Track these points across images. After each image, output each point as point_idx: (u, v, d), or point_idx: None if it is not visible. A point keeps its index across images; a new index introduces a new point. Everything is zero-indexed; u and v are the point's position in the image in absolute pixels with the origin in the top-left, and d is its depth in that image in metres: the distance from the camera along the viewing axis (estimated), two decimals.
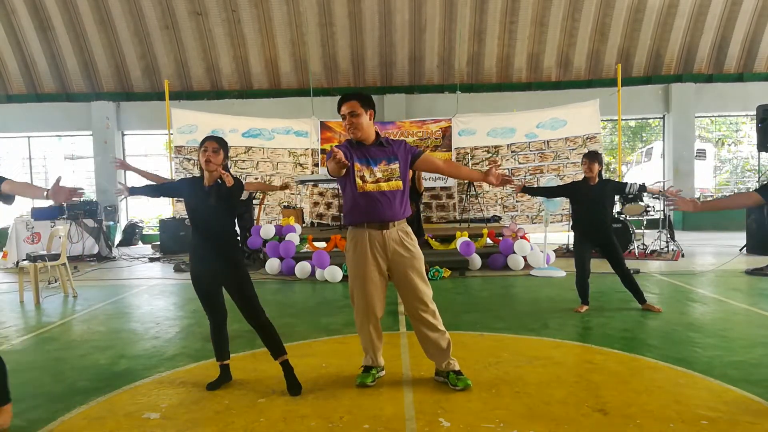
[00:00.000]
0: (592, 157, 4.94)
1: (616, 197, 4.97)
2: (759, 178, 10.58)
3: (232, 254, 3.20)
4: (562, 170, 10.52)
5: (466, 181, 10.24)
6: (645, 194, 5.13)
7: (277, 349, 3.21)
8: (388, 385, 3.21)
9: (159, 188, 3.43)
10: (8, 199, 2.96)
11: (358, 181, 3.05)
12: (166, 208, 14.79)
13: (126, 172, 14.25)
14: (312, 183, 10.61)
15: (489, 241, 8.19)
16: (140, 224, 13.21)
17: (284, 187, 6.08)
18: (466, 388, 3.09)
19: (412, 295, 3.12)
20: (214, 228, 3.14)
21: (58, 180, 2.81)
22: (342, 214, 3.10)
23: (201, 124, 10.88)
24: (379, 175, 3.07)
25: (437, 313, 3.18)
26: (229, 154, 3.23)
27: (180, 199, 10.70)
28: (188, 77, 13.57)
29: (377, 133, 3.16)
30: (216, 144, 3.10)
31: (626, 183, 5.04)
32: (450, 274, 7.19)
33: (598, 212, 4.95)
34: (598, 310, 5.10)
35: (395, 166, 3.10)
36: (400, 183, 3.11)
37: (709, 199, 15.02)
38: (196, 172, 11.71)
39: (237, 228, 3.34)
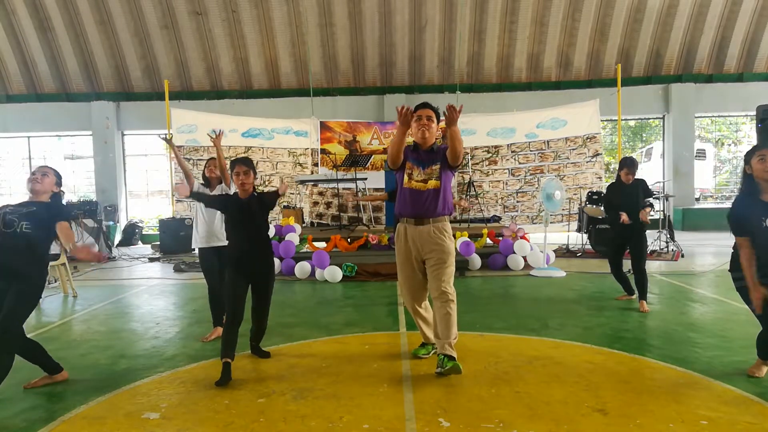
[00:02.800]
0: (632, 165, 5.23)
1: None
2: None
3: (270, 259, 3.70)
4: (563, 170, 10.53)
5: (466, 181, 10.24)
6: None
7: (259, 339, 3.82)
8: (388, 385, 3.21)
9: (211, 199, 4.02)
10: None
11: (406, 177, 3.50)
12: (165, 208, 14.79)
13: (126, 167, 14.25)
14: (312, 183, 10.61)
15: (489, 241, 8.19)
16: (140, 224, 13.20)
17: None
18: (452, 370, 3.20)
19: (435, 284, 3.45)
20: (257, 236, 3.58)
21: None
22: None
23: (201, 123, 10.89)
24: (424, 176, 3.48)
25: (453, 305, 3.39)
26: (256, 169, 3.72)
27: (180, 199, 10.72)
28: (188, 77, 13.57)
29: (434, 142, 3.60)
30: (246, 167, 3.55)
31: (648, 198, 5.39)
32: None
33: (630, 209, 5.11)
34: (598, 310, 5.11)
35: (436, 166, 3.47)
36: (438, 183, 3.47)
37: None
38: (196, 172, 11.78)
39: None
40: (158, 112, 12.20)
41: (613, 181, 5.43)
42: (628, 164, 5.23)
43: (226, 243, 4.56)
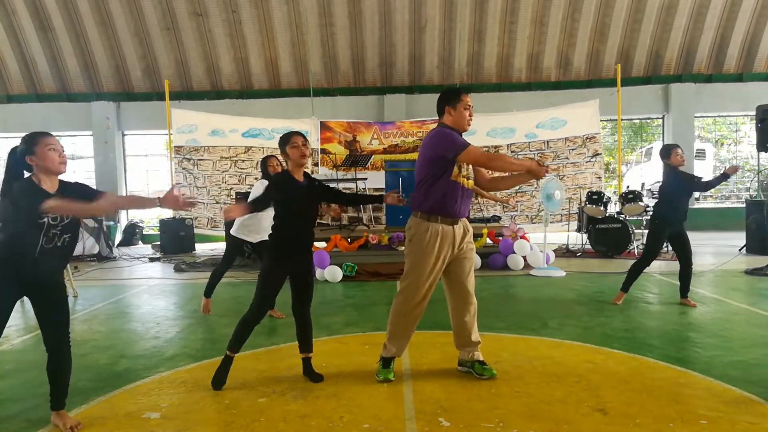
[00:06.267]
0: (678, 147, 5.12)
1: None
2: (758, 177, 10.59)
3: (311, 251, 3.56)
4: (562, 170, 10.53)
5: None
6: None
7: (306, 346, 3.38)
8: (388, 385, 3.21)
9: (266, 198, 3.24)
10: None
11: (456, 169, 3.14)
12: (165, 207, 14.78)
13: (126, 167, 14.24)
14: None
15: (489, 241, 8.19)
16: (140, 224, 13.21)
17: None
18: (492, 377, 3.22)
19: (465, 287, 3.29)
20: (309, 221, 3.31)
21: (172, 188, 2.76)
22: (416, 201, 3.25)
23: (201, 124, 10.90)
24: (465, 171, 3.22)
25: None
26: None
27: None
28: (188, 77, 13.57)
29: None
30: (304, 138, 3.24)
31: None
32: None
33: (687, 201, 5.12)
34: (598, 310, 5.11)
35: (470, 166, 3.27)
36: (473, 182, 3.30)
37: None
38: (196, 172, 11.64)
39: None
40: (158, 112, 12.20)
41: (670, 171, 5.06)
42: (677, 145, 5.11)
43: (251, 239, 4.90)
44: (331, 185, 3.63)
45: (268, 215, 4.16)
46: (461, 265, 3.26)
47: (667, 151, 5.10)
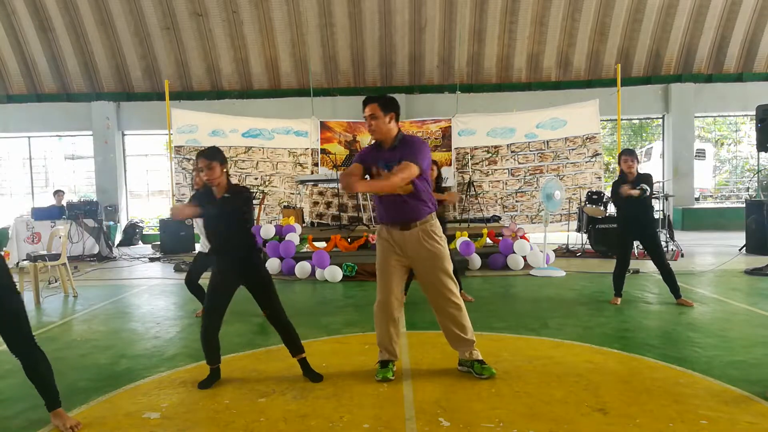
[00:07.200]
0: (633, 154, 5.19)
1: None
2: (758, 177, 10.59)
3: (252, 262, 3.31)
4: (562, 170, 10.53)
5: (466, 181, 10.25)
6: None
7: (295, 348, 3.37)
8: (388, 385, 3.21)
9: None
10: None
11: None
12: (166, 208, 14.78)
13: (126, 167, 14.24)
14: (312, 183, 10.61)
15: (489, 241, 8.19)
16: (140, 224, 13.20)
17: None
18: (491, 377, 3.22)
19: (436, 291, 3.27)
20: (230, 232, 3.23)
21: None
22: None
23: (201, 124, 10.89)
24: None
25: (462, 306, 3.31)
26: (225, 158, 3.28)
27: (179, 199, 10.72)
28: (188, 77, 13.57)
29: (397, 135, 3.21)
30: (206, 160, 3.14)
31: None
32: None
33: (640, 206, 5.11)
34: (598, 310, 5.11)
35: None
36: (409, 187, 3.10)
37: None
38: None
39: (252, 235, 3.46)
40: (158, 112, 12.19)
41: (616, 178, 5.32)
42: (631, 154, 5.18)
43: None
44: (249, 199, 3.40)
45: None
46: (425, 268, 3.25)
47: (618, 157, 5.26)
